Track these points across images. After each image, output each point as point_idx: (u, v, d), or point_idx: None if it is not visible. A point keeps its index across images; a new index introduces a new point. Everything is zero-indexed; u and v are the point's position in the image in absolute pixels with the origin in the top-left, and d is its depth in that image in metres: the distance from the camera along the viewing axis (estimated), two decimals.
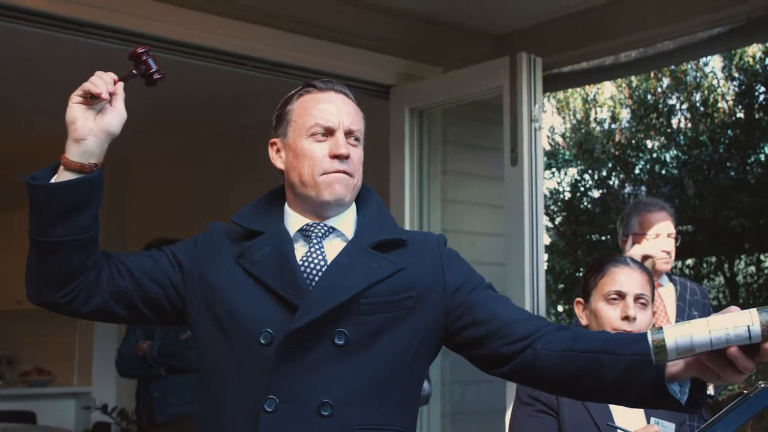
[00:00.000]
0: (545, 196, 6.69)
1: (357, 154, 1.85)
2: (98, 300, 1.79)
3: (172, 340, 4.56)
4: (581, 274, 7.50)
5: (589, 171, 7.68)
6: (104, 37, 3.86)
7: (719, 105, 7.16)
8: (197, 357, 4.82)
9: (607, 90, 8.18)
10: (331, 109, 1.84)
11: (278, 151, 1.90)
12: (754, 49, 6.93)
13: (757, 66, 6.89)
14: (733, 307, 1.50)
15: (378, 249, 1.81)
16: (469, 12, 4.71)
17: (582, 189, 7.76)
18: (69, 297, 1.76)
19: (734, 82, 7.07)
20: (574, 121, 8.26)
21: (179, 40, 3.98)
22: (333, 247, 1.82)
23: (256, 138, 6.89)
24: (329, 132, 1.83)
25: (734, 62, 7.00)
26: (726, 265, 6.78)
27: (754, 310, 1.46)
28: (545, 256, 4.24)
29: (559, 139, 8.30)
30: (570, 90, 7.96)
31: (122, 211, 7.90)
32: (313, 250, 1.81)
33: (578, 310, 2.52)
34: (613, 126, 7.96)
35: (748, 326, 1.45)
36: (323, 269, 1.78)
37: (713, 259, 6.79)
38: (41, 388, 7.57)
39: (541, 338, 1.71)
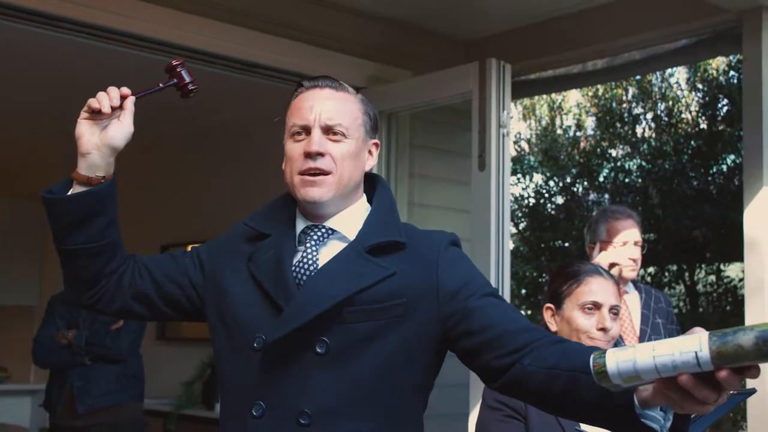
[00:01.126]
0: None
1: (338, 149, 1.79)
2: (121, 301, 1.86)
3: (101, 329, 4.54)
4: (545, 280, 7.59)
5: (554, 178, 7.74)
6: (74, 32, 3.82)
7: (683, 116, 7.25)
8: (127, 347, 4.76)
9: (573, 98, 8.25)
10: (308, 107, 1.81)
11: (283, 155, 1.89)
12: (718, 62, 7.03)
13: (721, 78, 6.99)
14: (697, 328, 1.31)
15: (373, 253, 1.75)
16: (439, 17, 4.72)
17: (546, 195, 7.82)
18: (94, 299, 1.85)
19: (698, 94, 7.17)
20: (540, 128, 8.31)
21: (149, 36, 3.95)
22: (330, 251, 1.79)
23: (225, 138, 6.89)
24: (306, 130, 1.80)
25: (698, 74, 7.09)
26: (687, 274, 6.87)
27: (705, 334, 1.26)
28: (509, 262, 4.26)
29: (525, 145, 8.35)
30: (536, 97, 8.02)
31: None
32: (306, 254, 1.79)
33: (547, 315, 2.53)
34: (578, 134, 8.03)
35: (696, 352, 1.25)
36: (305, 273, 1.76)
37: (674, 267, 6.87)
38: None
39: (531, 352, 1.60)
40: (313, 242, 1.80)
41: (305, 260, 1.77)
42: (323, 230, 1.82)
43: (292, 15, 4.37)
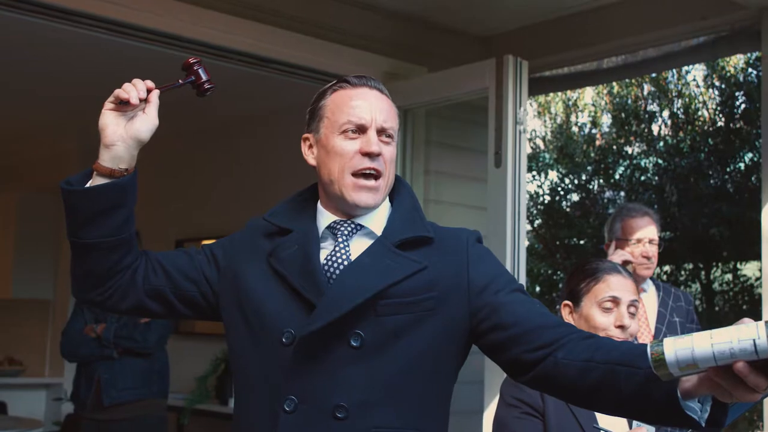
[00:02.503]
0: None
1: (389, 151, 1.81)
2: (133, 298, 1.82)
3: (129, 322, 4.57)
4: (560, 277, 7.57)
5: (570, 175, 7.71)
6: (89, 26, 3.83)
7: (700, 113, 7.20)
8: (156, 341, 4.77)
9: (588, 95, 8.22)
10: (365, 106, 1.80)
11: (310, 146, 1.86)
12: (736, 59, 6.97)
13: (739, 75, 6.94)
14: (746, 319, 1.35)
15: (402, 247, 1.76)
16: (455, 13, 4.71)
17: (562, 192, 7.79)
18: (105, 295, 1.81)
19: (715, 91, 7.12)
20: (555, 125, 8.28)
21: (163, 30, 3.96)
22: (359, 246, 1.79)
23: (236, 131, 6.88)
24: (361, 129, 1.79)
25: (716, 71, 7.05)
26: (703, 273, 6.83)
27: (761, 323, 1.31)
28: (525, 259, 4.25)
29: (540, 143, 8.33)
30: (551, 94, 7.99)
31: None
32: (338, 249, 1.78)
33: (565, 312, 2.52)
34: (593, 131, 7.99)
35: (754, 339, 1.30)
36: (337, 267, 1.76)
37: (690, 266, 6.84)
38: (12, 378, 7.50)
39: (563, 346, 1.63)
40: (343, 237, 1.80)
41: (336, 255, 1.77)
42: (352, 226, 1.81)
43: (307, 10, 4.37)
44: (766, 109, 4.03)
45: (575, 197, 7.80)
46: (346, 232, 1.80)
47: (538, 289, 7.80)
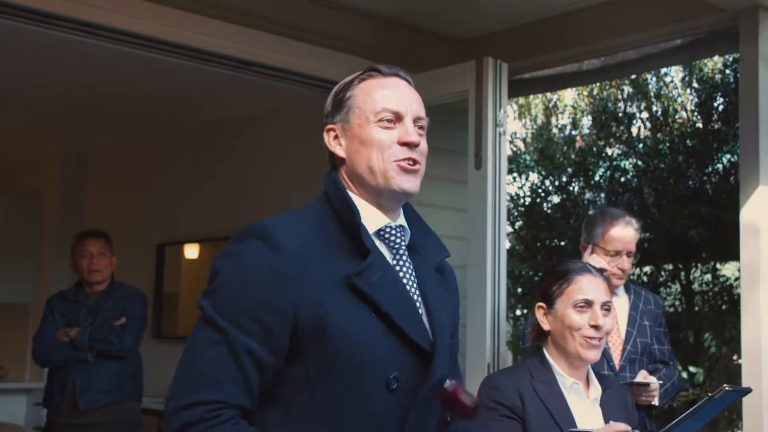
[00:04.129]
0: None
1: (424, 144, 1.74)
2: None
3: (104, 324, 4.56)
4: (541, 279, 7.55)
5: (550, 177, 7.74)
6: (70, 29, 3.82)
7: (678, 115, 7.25)
8: (131, 343, 4.75)
9: (568, 97, 8.25)
10: (399, 95, 1.74)
11: (336, 137, 1.75)
12: (714, 61, 7.02)
13: (717, 77, 6.99)
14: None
15: (437, 271, 1.75)
16: (435, 15, 4.73)
17: (542, 194, 7.82)
18: None
19: (693, 92, 7.16)
20: (536, 127, 8.31)
21: (144, 34, 3.95)
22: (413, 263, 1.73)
23: (218, 134, 6.87)
24: (397, 118, 1.71)
25: (694, 73, 7.09)
26: (683, 273, 6.87)
27: None
28: (506, 260, 4.27)
29: (520, 144, 8.35)
30: (531, 96, 8.02)
31: (80, 205, 7.84)
32: (405, 270, 1.68)
33: (539, 314, 2.54)
34: (573, 132, 8.02)
35: None
36: (419, 295, 1.68)
37: (670, 266, 6.88)
38: None
39: None
40: (397, 247, 1.71)
41: (410, 281, 1.68)
42: (401, 233, 1.74)
43: (287, 13, 4.37)
44: (745, 111, 4.07)
45: (556, 199, 7.82)
46: (398, 242, 1.72)
47: (519, 290, 7.81)
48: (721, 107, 6.91)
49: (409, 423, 1.57)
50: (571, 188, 7.66)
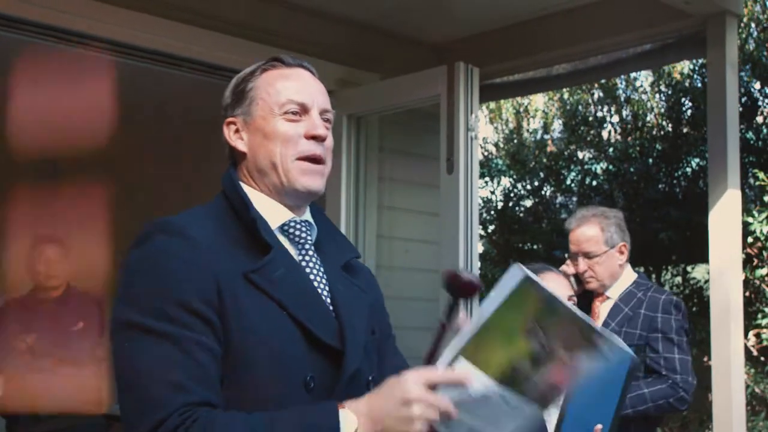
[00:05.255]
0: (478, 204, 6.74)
1: (330, 138, 1.66)
2: None
3: (63, 331, 4.50)
4: None
5: (522, 181, 7.78)
6: (37, 34, 3.78)
7: (648, 119, 7.32)
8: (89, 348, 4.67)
9: (539, 101, 8.30)
10: (304, 86, 1.65)
11: (237, 131, 1.67)
12: (682, 65, 7.10)
13: (685, 81, 7.07)
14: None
15: (346, 270, 1.68)
16: (407, 20, 4.73)
17: (514, 198, 7.85)
18: None
19: (662, 97, 7.23)
20: (507, 131, 8.36)
21: (116, 39, 3.92)
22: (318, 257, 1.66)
23: (191, 139, 6.83)
24: (303, 110, 1.63)
25: (663, 78, 7.16)
26: (653, 276, 6.93)
27: None
28: (478, 264, 4.28)
29: (492, 149, 8.39)
30: (502, 100, 8.06)
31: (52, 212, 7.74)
32: (312, 265, 1.62)
33: None
34: (545, 137, 8.08)
35: None
36: (328, 293, 1.61)
37: (641, 269, 6.94)
38: None
39: None
40: (303, 243, 1.64)
41: (317, 277, 1.62)
42: (308, 228, 1.67)
43: (259, 18, 4.35)
44: (712, 115, 4.11)
45: (528, 203, 7.87)
46: (304, 236, 1.65)
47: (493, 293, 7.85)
48: (689, 111, 6.99)
49: None
50: (542, 192, 7.71)
